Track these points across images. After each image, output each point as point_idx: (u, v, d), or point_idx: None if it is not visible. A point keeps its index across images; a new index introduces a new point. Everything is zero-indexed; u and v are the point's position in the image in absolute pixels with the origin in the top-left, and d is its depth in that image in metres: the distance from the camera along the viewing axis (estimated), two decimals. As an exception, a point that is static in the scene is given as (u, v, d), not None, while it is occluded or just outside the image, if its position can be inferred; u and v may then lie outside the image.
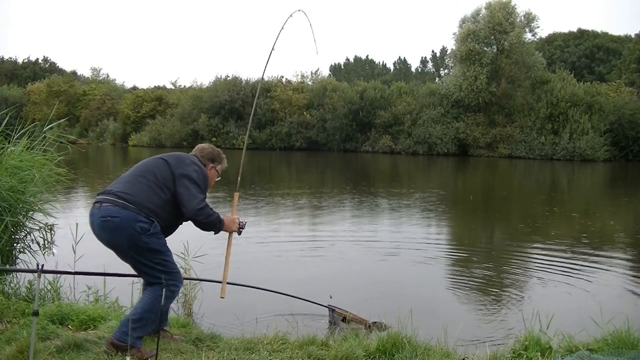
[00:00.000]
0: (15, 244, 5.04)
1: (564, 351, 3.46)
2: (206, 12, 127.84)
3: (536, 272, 7.09)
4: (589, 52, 55.36)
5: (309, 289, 5.96)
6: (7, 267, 4.73)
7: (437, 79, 61.16)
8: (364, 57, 79.04)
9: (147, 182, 3.31)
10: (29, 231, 5.16)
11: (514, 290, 6.31)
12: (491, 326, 5.02)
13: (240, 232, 3.63)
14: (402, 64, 77.83)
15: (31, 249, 5.14)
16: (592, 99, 36.20)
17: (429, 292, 6.24)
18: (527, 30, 38.60)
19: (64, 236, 5.25)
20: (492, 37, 37.77)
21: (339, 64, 78.13)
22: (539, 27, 46.41)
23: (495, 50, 38.45)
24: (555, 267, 7.25)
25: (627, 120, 35.21)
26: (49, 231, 5.19)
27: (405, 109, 40.13)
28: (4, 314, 3.99)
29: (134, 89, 57.37)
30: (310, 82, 47.99)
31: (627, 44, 51.99)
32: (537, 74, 38.55)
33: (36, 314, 2.91)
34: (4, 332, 3.60)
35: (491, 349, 3.54)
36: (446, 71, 58.39)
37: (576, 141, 34.67)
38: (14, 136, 5.39)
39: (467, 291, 6.19)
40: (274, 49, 4.31)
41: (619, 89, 39.76)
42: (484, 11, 38.26)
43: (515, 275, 7.01)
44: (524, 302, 5.81)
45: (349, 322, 4.78)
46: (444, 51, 65.68)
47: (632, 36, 54.16)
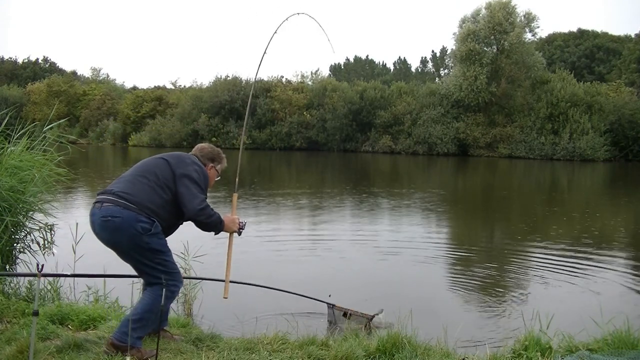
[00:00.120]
0: (15, 244, 5.04)
1: (564, 351, 3.46)
2: (206, 12, 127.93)
3: (536, 272, 7.09)
4: (589, 52, 55.34)
5: (309, 289, 5.95)
6: (7, 271, 4.73)
7: (437, 79, 61.13)
8: (364, 57, 79.05)
9: (148, 182, 3.30)
10: (29, 231, 5.15)
11: (514, 290, 6.31)
12: (491, 326, 5.03)
13: (240, 233, 3.63)
14: (402, 64, 77.81)
15: (31, 249, 5.14)
16: (592, 99, 36.19)
17: (429, 292, 6.24)
18: (527, 30, 38.59)
19: (64, 236, 5.25)
20: (492, 37, 37.77)
21: (339, 64, 78.11)
22: (539, 27, 46.49)
23: (495, 50, 38.44)
24: (555, 267, 7.26)
25: (627, 120, 35.21)
26: (49, 231, 5.19)
27: (405, 109, 40.13)
28: (4, 314, 3.99)
29: (134, 89, 57.33)
30: (310, 82, 47.99)
31: (627, 44, 51.96)
32: (537, 74, 38.54)
33: (36, 314, 2.90)
34: (4, 332, 3.60)
35: (491, 349, 3.54)
36: (446, 71, 58.41)
37: (576, 141, 34.67)
38: (14, 136, 5.38)
39: (467, 291, 6.19)
40: (266, 52, 4.30)
41: (619, 89, 39.75)
42: (484, 11, 38.26)
43: (515, 275, 7.02)
44: (524, 302, 5.82)
45: (350, 317, 4.77)
46: (444, 51, 65.69)
47: (632, 36, 54.18)
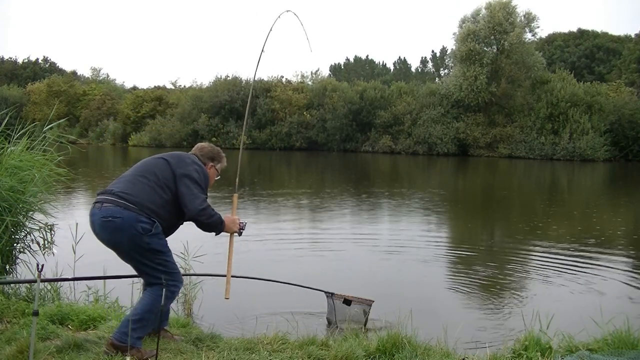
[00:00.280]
0: (15, 244, 5.03)
1: (564, 351, 3.46)
2: (206, 12, 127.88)
3: (536, 271, 7.09)
4: (589, 52, 55.33)
5: (308, 289, 5.96)
6: (6, 272, 4.74)
7: (437, 79, 61.13)
8: (364, 57, 79.02)
9: (148, 182, 3.29)
10: (29, 231, 5.15)
11: (514, 290, 6.31)
12: (491, 326, 5.03)
13: (240, 233, 3.62)
14: (402, 64, 77.80)
15: (31, 249, 5.13)
16: (592, 99, 36.18)
17: (429, 292, 6.24)
18: (527, 30, 38.58)
19: (64, 236, 5.25)
20: (492, 37, 37.76)
21: (339, 64, 78.13)
22: (539, 27, 46.51)
23: (495, 50, 38.44)
24: (555, 267, 7.26)
25: (627, 120, 35.21)
26: (49, 231, 5.19)
27: (405, 109, 40.12)
28: (4, 314, 3.99)
29: (134, 89, 57.33)
30: (310, 82, 47.97)
31: (627, 44, 51.95)
32: (537, 74, 38.53)
33: (36, 314, 2.91)
34: (4, 332, 3.60)
35: (491, 349, 3.55)
36: (446, 71, 58.42)
37: (576, 141, 34.66)
38: (14, 136, 5.38)
39: (468, 291, 6.19)
40: (263, 50, 4.31)
41: (619, 89, 39.74)
42: (484, 11, 38.25)
43: (515, 275, 7.01)
44: (524, 302, 5.82)
45: (350, 303, 4.79)
46: (444, 51, 65.67)
47: (632, 36, 54.16)
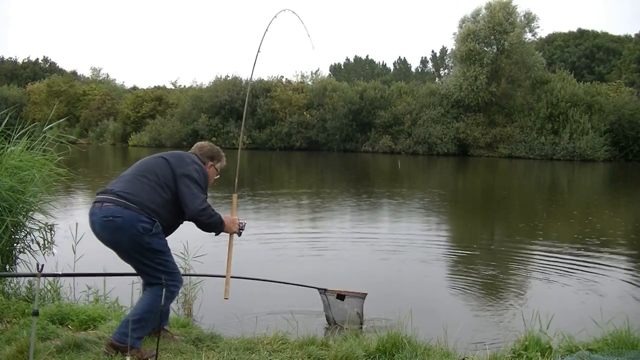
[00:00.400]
0: (15, 244, 5.04)
1: (564, 351, 3.46)
2: (206, 12, 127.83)
3: (536, 272, 7.09)
4: (589, 52, 55.32)
5: (308, 289, 5.96)
6: (6, 271, 4.73)
7: (437, 79, 61.10)
8: (364, 57, 79.00)
9: (148, 182, 3.28)
10: (29, 231, 5.15)
11: (514, 290, 6.31)
12: (491, 326, 5.03)
13: (240, 233, 3.62)
14: (402, 64, 77.79)
15: (31, 249, 5.14)
16: (592, 99, 36.17)
17: (429, 292, 6.24)
18: (527, 30, 38.56)
19: (64, 236, 5.25)
20: (492, 37, 37.74)
21: (339, 64, 78.11)
22: (539, 27, 46.35)
23: (495, 50, 38.42)
24: (555, 267, 7.25)
25: (627, 120, 35.20)
26: (49, 231, 5.19)
27: (405, 109, 40.11)
28: (4, 314, 3.99)
29: (134, 89, 57.30)
30: (310, 82, 47.97)
31: (627, 44, 51.93)
32: (537, 74, 38.50)
33: (36, 314, 2.91)
34: (4, 332, 3.60)
35: (491, 349, 3.55)
36: (446, 71, 58.42)
37: (576, 141, 34.65)
38: (14, 136, 5.38)
39: (468, 291, 6.19)
40: (259, 51, 4.31)
41: (619, 89, 39.73)
42: (484, 11, 38.23)
43: (515, 275, 7.01)
44: (524, 302, 5.81)
45: (344, 298, 4.81)
46: (444, 51, 65.66)
47: (632, 36, 54.12)
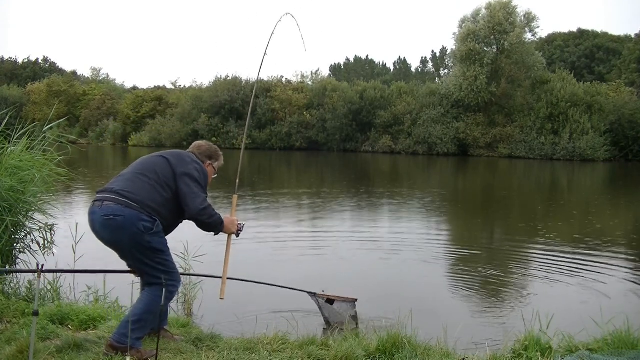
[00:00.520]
0: (15, 244, 5.04)
1: (564, 351, 3.46)
2: (206, 12, 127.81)
3: (536, 272, 7.09)
4: (589, 52, 55.31)
5: (308, 289, 5.96)
6: (8, 267, 4.73)
7: (437, 79, 61.08)
8: (364, 57, 78.99)
9: (149, 181, 3.27)
10: (29, 231, 5.16)
11: (514, 290, 6.31)
12: (491, 326, 5.03)
13: (238, 235, 3.63)
14: (402, 64, 77.78)
15: (31, 249, 5.14)
16: (592, 99, 36.16)
17: (429, 292, 6.24)
18: (527, 30, 38.54)
19: (64, 236, 5.25)
20: (492, 37, 37.73)
21: (339, 64, 78.09)
22: (539, 27, 46.34)
23: (495, 50, 38.40)
24: (555, 267, 7.25)
25: (627, 120, 35.18)
26: (49, 231, 5.19)
27: (405, 109, 40.09)
28: (4, 314, 3.99)
29: (134, 89, 57.28)
30: (310, 82, 47.95)
31: (627, 44, 51.91)
32: (537, 74, 38.49)
33: (36, 314, 2.91)
34: (4, 332, 3.60)
35: (491, 349, 3.54)
36: (446, 71, 58.40)
37: (576, 141, 34.64)
38: (14, 136, 5.39)
39: (468, 291, 6.19)
40: (266, 53, 4.32)
41: (619, 89, 39.71)
42: (484, 11, 38.21)
43: (515, 275, 7.02)
44: (524, 302, 5.81)
45: (333, 302, 4.80)
46: (444, 51, 65.65)
47: (632, 36, 54.10)
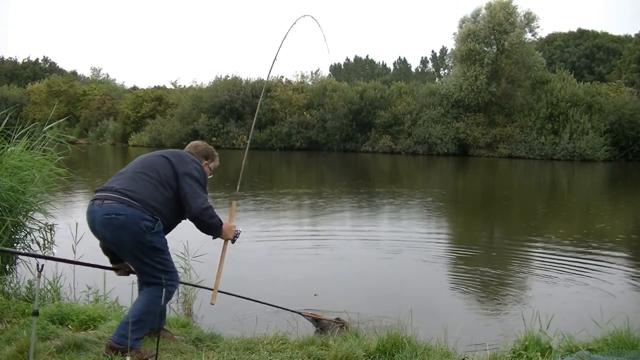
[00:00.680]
0: (15, 244, 5.04)
1: (564, 351, 3.46)
2: (206, 12, 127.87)
3: (536, 272, 7.09)
4: (589, 52, 55.32)
5: (307, 289, 5.97)
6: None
7: (437, 79, 61.10)
8: (364, 57, 79.00)
9: (150, 180, 3.26)
10: (29, 231, 5.16)
11: (514, 290, 6.31)
12: (491, 326, 5.03)
13: (234, 241, 3.63)
14: (402, 64, 77.79)
15: (31, 249, 5.14)
16: (592, 99, 36.15)
17: (429, 292, 6.24)
18: (527, 30, 38.52)
19: (64, 236, 5.25)
20: (492, 37, 37.72)
21: (339, 64, 78.07)
22: (539, 27, 46.24)
23: (495, 50, 38.39)
24: (555, 267, 7.25)
25: (627, 120, 35.18)
26: (49, 231, 5.19)
27: (405, 109, 40.09)
28: (4, 314, 3.99)
29: (134, 89, 57.28)
30: (310, 82, 47.93)
31: (627, 44, 51.92)
32: (537, 74, 38.48)
33: (36, 314, 2.90)
34: (4, 332, 3.60)
35: (491, 349, 3.55)
36: (446, 71, 58.41)
37: (576, 141, 34.63)
38: (14, 136, 5.39)
39: (468, 291, 6.19)
40: (276, 59, 4.30)
41: (619, 89, 39.72)
42: (484, 11, 38.21)
43: (515, 275, 7.02)
44: (524, 302, 5.82)
45: (318, 323, 4.66)
46: (444, 51, 65.70)
47: (632, 36, 54.10)
